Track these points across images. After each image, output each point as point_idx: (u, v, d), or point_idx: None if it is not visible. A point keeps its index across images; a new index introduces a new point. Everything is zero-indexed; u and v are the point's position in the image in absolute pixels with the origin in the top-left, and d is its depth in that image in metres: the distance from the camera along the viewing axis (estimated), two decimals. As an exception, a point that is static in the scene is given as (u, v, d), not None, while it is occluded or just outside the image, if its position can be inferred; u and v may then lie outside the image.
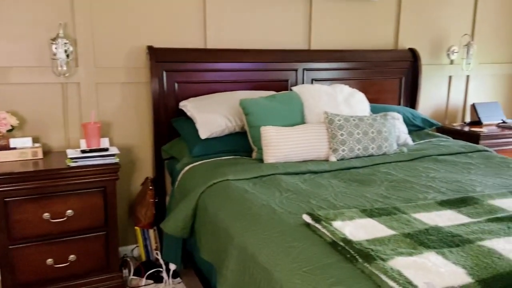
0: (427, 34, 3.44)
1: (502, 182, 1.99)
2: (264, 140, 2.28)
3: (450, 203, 1.63)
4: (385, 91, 3.27)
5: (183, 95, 2.71)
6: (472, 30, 3.57)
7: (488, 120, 3.44)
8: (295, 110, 2.51)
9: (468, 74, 3.62)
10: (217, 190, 1.94)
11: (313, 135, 2.34)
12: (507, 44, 3.74)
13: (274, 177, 2.05)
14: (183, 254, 2.30)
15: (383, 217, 1.48)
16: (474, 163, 2.34)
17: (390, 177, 2.08)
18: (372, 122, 2.42)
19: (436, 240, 1.29)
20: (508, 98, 3.85)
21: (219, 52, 2.80)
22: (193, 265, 2.33)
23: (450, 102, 3.65)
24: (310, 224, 1.46)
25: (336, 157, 2.33)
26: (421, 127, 2.99)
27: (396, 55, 3.27)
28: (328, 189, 1.91)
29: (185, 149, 2.47)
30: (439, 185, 1.94)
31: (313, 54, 3.03)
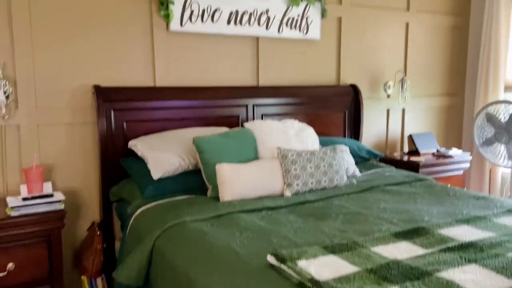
0: (366, 71, 3.66)
1: (445, 210, 2.12)
2: (219, 177, 2.26)
3: (404, 234, 1.70)
4: (331, 125, 3.41)
5: (132, 134, 2.64)
6: (405, 67, 3.87)
7: (424, 150, 3.68)
8: (249, 146, 2.53)
9: (404, 107, 3.88)
10: (174, 234, 1.88)
11: (267, 170, 2.37)
12: (436, 79, 4.08)
13: (231, 216, 2.03)
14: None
15: (344, 253, 1.51)
16: (418, 192, 2.48)
17: (344, 210, 2.14)
18: (323, 155, 2.49)
19: (397, 274, 1.33)
20: (439, 128, 4.17)
21: (168, 90, 2.78)
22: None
23: (389, 133, 3.87)
24: (275, 265, 1.45)
25: (291, 192, 2.37)
26: (367, 158, 3.13)
27: (339, 90, 3.44)
28: (286, 226, 1.92)
29: (136, 190, 2.38)
30: (390, 216, 2.02)
31: (262, 91, 3.11)
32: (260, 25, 3.06)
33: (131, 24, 2.67)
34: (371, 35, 3.64)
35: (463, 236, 1.66)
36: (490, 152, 3.33)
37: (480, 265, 1.37)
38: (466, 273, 1.32)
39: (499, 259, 1.41)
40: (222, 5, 2.89)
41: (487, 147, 3.33)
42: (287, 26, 3.17)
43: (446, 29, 4.05)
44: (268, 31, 3.09)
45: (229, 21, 2.94)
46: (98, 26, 2.57)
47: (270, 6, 3.06)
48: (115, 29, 2.63)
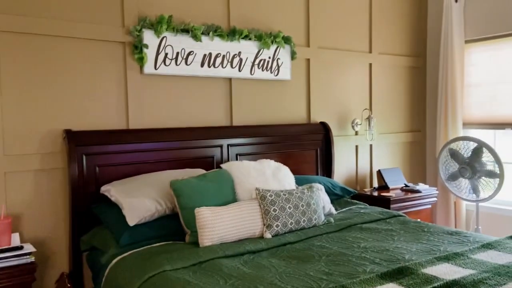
0: (334, 109, 3.78)
1: (424, 247, 2.17)
2: (199, 222, 2.21)
3: (390, 275, 1.71)
4: (304, 162, 3.46)
5: (105, 179, 2.56)
6: (370, 105, 4.03)
7: (393, 185, 3.79)
8: (226, 188, 2.51)
9: (371, 144, 4.01)
10: (155, 285, 1.80)
11: (247, 212, 2.34)
12: (399, 116, 4.27)
13: (213, 262, 1.98)
14: None
15: (335, 298, 1.50)
16: (394, 229, 2.53)
17: (325, 251, 2.14)
18: (301, 195, 2.51)
19: (391, 319, 1.33)
20: (404, 164, 4.32)
21: (142, 133, 2.74)
22: None
23: (358, 169, 3.97)
24: (267, 315, 1.41)
25: (270, 233, 2.35)
26: (341, 195, 3.18)
27: (310, 128, 3.52)
28: (271, 271, 1.89)
29: (111, 238, 2.29)
30: (372, 256, 2.04)
31: (236, 130, 3.13)
32: (233, 67, 3.12)
33: (104, 67, 2.65)
34: (338, 75, 3.79)
35: (446, 274, 1.70)
36: (455, 186, 3.48)
37: (468, 304, 1.40)
38: (457, 314, 1.34)
39: (485, 297, 1.44)
40: (195, 49, 2.93)
41: (452, 181, 3.47)
42: (259, 68, 3.25)
43: (406, 69, 4.29)
44: (240, 73, 3.15)
45: (202, 63, 2.98)
46: (69, 69, 2.53)
47: (242, 49, 3.14)
48: (87, 72, 2.59)
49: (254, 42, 3.20)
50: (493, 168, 3.14)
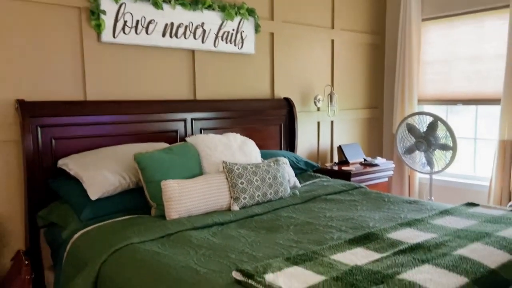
0: (297, 85, 3.80)
1: (386, 215, 2.26)
2: (165, 195, 2.16)
3: (357, 241, 1.77)
4: (268, 137, 3.46)
5: (62, 153, 2.43)
6: (332, 81, 4.08)
7: (353, 159, 3.90)
8: (192, 161, 2.46)
9: (332, 120, 4.08)
10: (123, 257, 1.75)
11: (214, 185, 2.32)
12: (359, 93, 4.36)
13: (182, 234, 1.95)
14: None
15: (307, 263, 1.53)
16: (357, 199, 2.60)
17: (293, 221, 2.17)
18: (268, 168, 2.52)
19: (362, 280, 1.37)
20: (363, 139, 4.45)
21: (101, 104, 2.61)
22: None
23: (320, 144, 4.04)
24: (241, 281, 1.41)
25: (238, 206, 2.34)
26: (304, 169, 3.22)
27: (274, 104, 3.51)
28: (240, 240, 1.89)
29: (71, 213, 2.19)
30: (338, 224, 2.10)
31: (199, 104, 3.06)
32: (196, 38, 3.03)
33: (58, 34, 2.48)
34: (301, 50, 3.79)
35: (410, 238, 1.77)
36: (411, 159, 3.63)
37: (432, 264, 1.47)
38: (423, 273, 1.40)
39: (448, 258, 1.52)
40: (156, 17, 2.81)
41: (408, 155, 3.62)
42: (223, 40, 3.18)
43: (366, 46, 4.37)
44: (204, 45, 3.07)
45: (164, 33, 2.86)
46: (20, 35, 2.34)
47: (206, 19, 3.05)
48: (40, 38, 2.41)
49: (218, 13, 3.12)
50: (447, 141, 3.30)
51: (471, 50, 3.79)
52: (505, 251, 1.59)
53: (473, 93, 3.79)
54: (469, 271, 1.42)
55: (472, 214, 2.11)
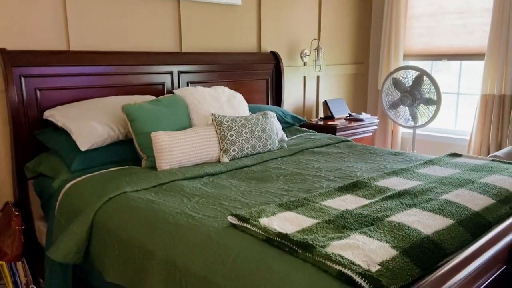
0: (284, 39, 3.74)
1: (372, 166, 2.32)
2: (156, 146, 2.16)
3: (346, 188, 1.82)
4: (254, 92, 3.44)
5: (47, 104, 2.38)
6: (319, 36, 4.04)
7: (338, 115, 3.94)
8: (181, 114, 2.44)
9: (318, 75, 4.07)
10: (117, 205, 1.77)
11: (204, 137, 2.32)
12: (345, 48, 4.34)
13: (174, 184, 1.97)
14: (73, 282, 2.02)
15: (299, 209, 1.57)
16: (343, 152, 2.66)
17: (282, 172, 2.21)
18: (256, 121, 2.52)
19: (353, 222, 1.43)
20: (348, 94, 4.48)
21: (84, 55, 2.53)
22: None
23: (306, 99, 4.05)
24: (237, 225, 1.45)
25: (228, 158, 2.36)
26: (291, 124, 3.25)
27: (261, 57, 3.47)
28: (232, 190, 1.92)
29: (60, 164, 2.17)
30: (327, 174, 2.15)
31: (186, 57, 3.00)
32: (182, -13, 2.92)
33: (38, -22, 2.35)
34: (288, 3, 3.70)
35: (396, 185, 1.84)
36: (395, 114, 3.69)
37: (419, 208, 1.54)
38: (411, 215, 1.47)
39: (433, 202, 1.59)
40: (141, -37, 2.68)
41: (393, 109, 3.68)
42: (209, -11, 3.07)
43: (353, 0, 4.30)
44: (190, -6, 2.97)
45: (149, -20, 2.75)
46: (-3, -23, 2.21)
47: (192, -33, 2.93)
48: (18, -18, 2.29)
49: (204, -39, 2.99)
50: (432, 95, 3.35)
51: (459, 3, 3.78)
52: (487, 196, 1.67)
53: (459, 48, 3.82)
54: (454, 214, 1.49)
55: (456, 164, 2.19)
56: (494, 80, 3.48)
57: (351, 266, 1.14)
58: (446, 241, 1.33)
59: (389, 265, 1.16)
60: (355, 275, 1.11)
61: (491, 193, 1.70)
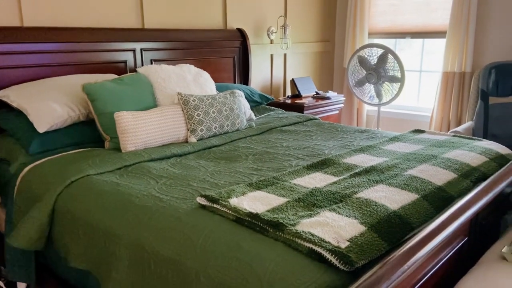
0: (250, 15, 3.67)
1: (340, 143, 2.34)
2: (119, 127, 2.08)
3: (315, 166, 1.83)
4: (221, 70, 3.38)
5: (1, 84, 2.23)
6: (285, 13, 3.99)
7: (305, 93, 3.94)
8: (145, 93, 2.36)
9: (285, 53, 4.04)
10: (80, 189, 1.70)
11: (170, 117, 2.26)
12: (314, 26, 4.32)
13: (140, 165, 1.92)
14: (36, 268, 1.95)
15: (269, 188, 1.57)
16: (311, 130, 2.67)
17: (251, 151, 2.19)
18: (224, 100, 2.48)
19: (323, 200, 1.44)
20: (315, 73, 4.49)
21: (39, 31, 2.38)
22: (52, 277, 1.99)
23: (273, 78, 4.02)
24: (206, 205, 1.43)
25: (195, 138, 2.32)
26: (259, 102, 3.22)
27: (226, 34, 3.40)
28: (201, 170, 1.89)
29: (17, 147, 2.06)
30: (295, 153, 2.15)
31: (149, 33, 2.89)
32: (143, -41, 2.78)
33: None
34: (254, -22, 3.62)
35: (363, 162, 1.86)
36: (361, 92, 3.74)
37: (386, 184, 1.57)
38: (378, 191, 1.49)
39: (399, 178, 1.63)
40: None
41: (359, 88, 3.72)
42: (172, -37, 2.95)
43: (320, -23, 4.26)
44: (151, -33, 2.84)
45: (107, -48, 2.60)
46: None
47: None
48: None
49: None
50: (396, 73, 3.40)
51: (422, -18, 3.82)
52: (449, 170, 1.72)
53: (422, 25, 3.88)
54: (419, 188, 1.53)
55: (419, 140, 2.25)
56: (454, 58, 3.57)
57: (321, 243, 1.15)
58: (411, 215, 1.36)
59: (358, 241, 1.18)
60: (325, 251, 1.12)
61: (453, 167, 1.75)
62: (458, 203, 1.34)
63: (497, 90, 3.10)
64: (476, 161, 1.86)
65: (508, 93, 3.08)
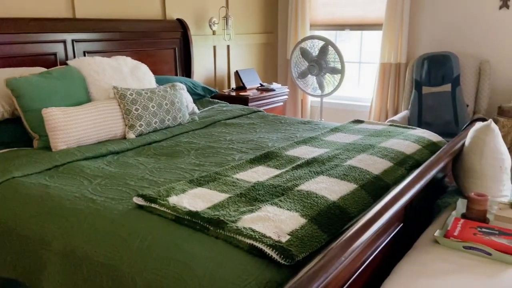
0: (191, 6, 3.58)
1: (283, 135, 2.35)
2: (48, 124, 1.94)
3: (258, 160, 1.81)
4: (161, 62, 3.27)
5: None
6: (227, 3, 3.93)
7: (250, 85, 3.92)
8: (77, 87, 2.22)
9: (228, 44, 3.99)
10: (4, 193, 1.56)
11: (105, 113, 2.15)
12: (257, 17, 4.29)
13: (72, 165, 1.80)
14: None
15: (210, 184, 1.53)
16: (255, 122, 2.66)
17: (194, 146, 2.13)
18: (164, 93, 2.39)
19: (264, 194, 1.43)
20: (259, 64, 4.48)
21: (-46, 20, 2.16)
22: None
23: (217, 70, 3.96)
24: (144, 206, 1.36)
25: (134, 134, 2.22)
26: (202, 95, 3.16)
27: (166, 25, 3.28)
28: (139, 168, 1.81)
29: None
30: (239, 146, 2.12)
31: (80, 24, 2.72)
32: None
33: None
34: (194, -33, 3.53)
35: (306, 154, 1.88)
36: (304, 83, 3.78)
37: (326, 175, 1.58)
38: (319, 183, 1.50)
39: (339, 168, 1.65)
40: None
41: (302, 79, 3.76)
42: (104, -51, 2.78)
43: (261, -33, 4.23)
44: (81, -48, 2.66)
45: None
46: None
47: None
48: None
49: None
50: (336, 65, 3.47)
51: (359, -25, 3.91)
52: (386, 159, 1.78)
53: (360, 18, 3.98)
54: (358, 178, 1.56)
55: (358, 130, 2.30)
56: (390, 49, 3.70)
57: (262, 239, 1.13)
58: (350, 205, 1.39)
59: (298, 234, 1.17)
60: (266, 247, 1.10)
61: (389, 156, 1.81)
62: (393, 191, 1.38)
63: (430, 80, 3.26)
64: (410, 149, 1.94)
65: (439, 82, 3.24)
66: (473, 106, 3.36)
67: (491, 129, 1.73)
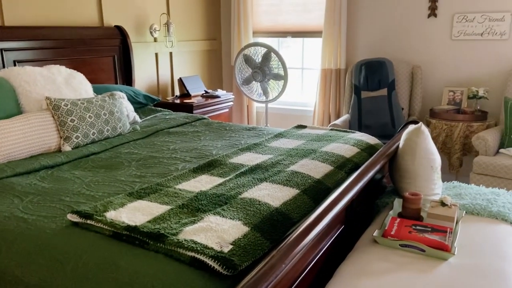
0: (130, 12, 3.48)
1: (227, 143, 2.34)
2: (-27, 140, 1.80)
3: (201, 169, 1.79)
4: (99, 71, 3.15)
5: None
6: (168, 10, 3.87)
7: (194, 92, 3.88)
8: (7, 99, 2.09)
9: (171, 51, 3.93)
10: None
11: (37, 125, 2.03)
12: (199, 24, 4.26)
13: (1, 182, 1.69)
14: None
15: (151, 196, 1.49)
16: (200, 130, 2.63)
17: (135, 157, 2.07)
18: (102, 103, 2.31)
19: (207, 204, 1.41)
20: (203, 71, 4.45)
21: None
22: None
23: (160, 78, 3.88)
24: (79, 222, 1.30)
25: (70, 146, 2.12)
26: (144, 104, 3.08)
27: (103, 32, 3.17)
28: (76, 182, 1.73)
29: None
30: (182, 155, 2.09)
31: (10, 31, 2.56)
32: None
33: None
34: (132, -27, 3.44)
35: (249, 161, 1.88)
36: (248, 89, 3.80)
37: (269, 181, 1.59)
38: (262, 190, 1.51)
39: (282, 174, 1.67)
40: None
41: (246, 85, 3.78)
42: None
43: (202, -26, 4.22)
44: (8, -44, 2.51)
45: None
46: None
47: None
48: None
49: None
50: (280, 71, 3.53)
51: (299, -16, 4.01)
52: (327, 163, 1.82)
53: (300, 25, 4.08)
54: (300, 183, 1.59)
55: (301, 135, 2.35)
56: (331, 56, 3.83)
57: (204, 250, 1.11)
58: (292, 210, 1.40)
59: (241, 243, 1.17)
60: (208, 258, 1.09)
61: (330, 160, 1.86)
62: (333, 194, 1.41)
63: (367, 85, 3.40)
64: (349, 152, 2.00)
65: (376, 87, 3.39)
66: (407, 109, 3.55)
67: (422, 131, 1.83)
